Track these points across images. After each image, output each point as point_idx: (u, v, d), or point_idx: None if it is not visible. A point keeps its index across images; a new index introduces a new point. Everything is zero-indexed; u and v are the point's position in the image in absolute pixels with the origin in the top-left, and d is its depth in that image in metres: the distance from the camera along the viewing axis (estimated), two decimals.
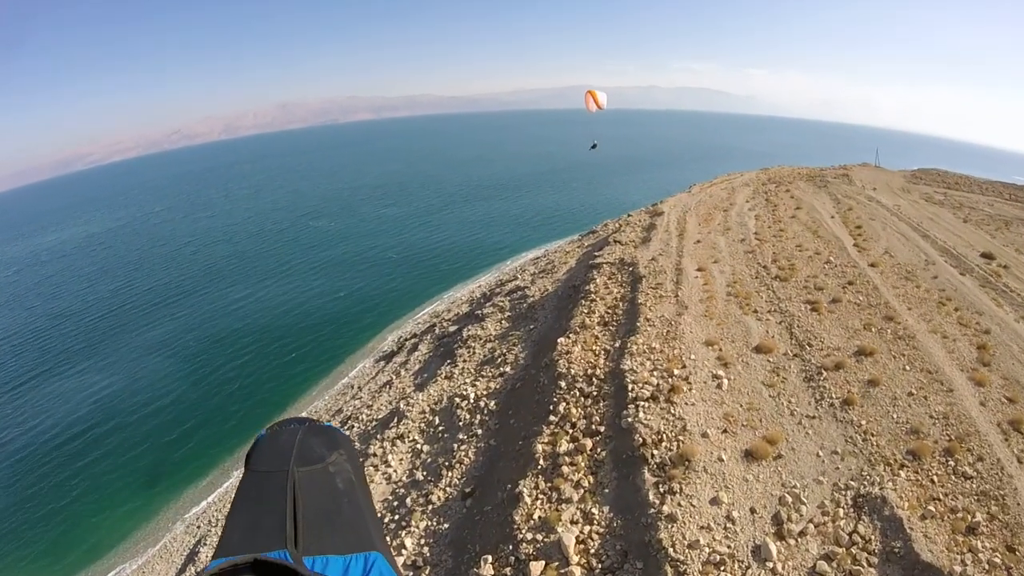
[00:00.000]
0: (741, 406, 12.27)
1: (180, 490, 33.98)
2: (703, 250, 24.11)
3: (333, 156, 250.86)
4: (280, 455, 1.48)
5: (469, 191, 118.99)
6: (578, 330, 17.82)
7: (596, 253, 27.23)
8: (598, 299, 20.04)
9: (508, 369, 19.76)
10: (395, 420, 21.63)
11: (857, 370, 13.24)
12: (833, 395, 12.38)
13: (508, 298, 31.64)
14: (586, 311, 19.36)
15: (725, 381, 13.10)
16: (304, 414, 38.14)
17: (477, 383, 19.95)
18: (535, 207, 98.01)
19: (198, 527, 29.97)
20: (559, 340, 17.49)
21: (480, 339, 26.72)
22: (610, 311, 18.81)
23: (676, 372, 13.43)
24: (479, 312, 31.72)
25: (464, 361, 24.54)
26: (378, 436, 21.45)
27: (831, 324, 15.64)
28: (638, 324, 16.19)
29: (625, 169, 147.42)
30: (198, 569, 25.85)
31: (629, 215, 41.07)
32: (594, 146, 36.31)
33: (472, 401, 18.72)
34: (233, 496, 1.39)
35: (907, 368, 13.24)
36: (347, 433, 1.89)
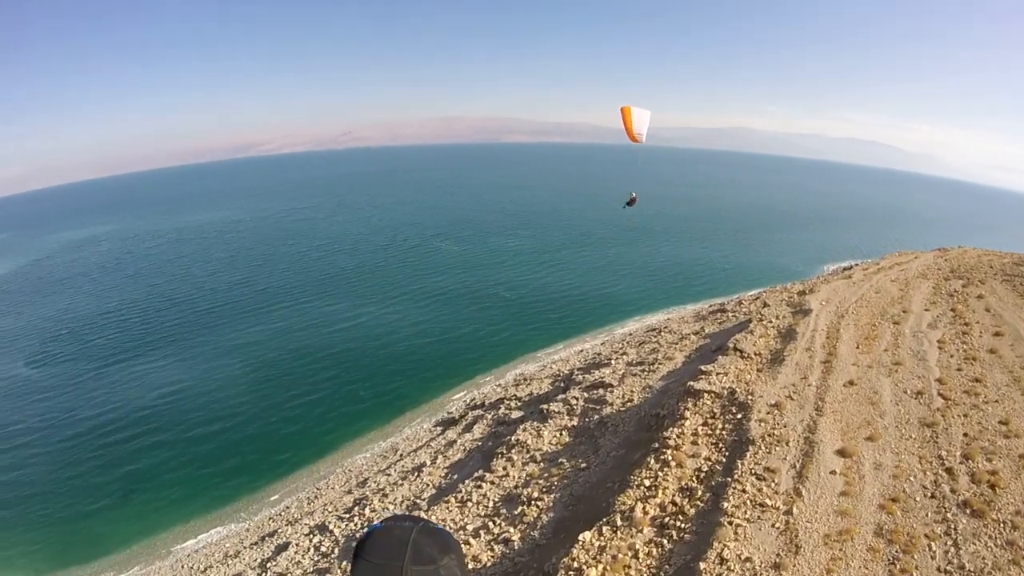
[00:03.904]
0: None
1: (190, 520, 33.30)
2: (855, 405, 16.64)
3: (484, 175, 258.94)
4: (395, 550, 1.64)
5: (607, 231, 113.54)
6: (619, 524, 12.04)
7: (703, 367, 20.78)
8: (674, 465, 13.94)
9: (516, 537, 14.45)
10: None
11: None
12: None
13: (585, 395, 26.12)
14: (648, 484, 13.42)
15: None
16: (339, 471, 35.39)
17: (474, 540, 14.88)
18: (673, 259, 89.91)
19: (182, 566, 28.56)
20: (583, 535, 11.86)
21: (527, 451, 21.62)
22: (680, 499, 12.67)
23: None
24: (546, 406, 26.51)
25: (491, 483, 19.71)
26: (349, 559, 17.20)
27: None
28: (702, 567, 9.96)
29: (780, 223, 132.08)
30: None
31: (767, 303, 33.23)
32: (630, 202, 25.05)
33: None
34: None
35: None
36: (456, 537, 1.91)
